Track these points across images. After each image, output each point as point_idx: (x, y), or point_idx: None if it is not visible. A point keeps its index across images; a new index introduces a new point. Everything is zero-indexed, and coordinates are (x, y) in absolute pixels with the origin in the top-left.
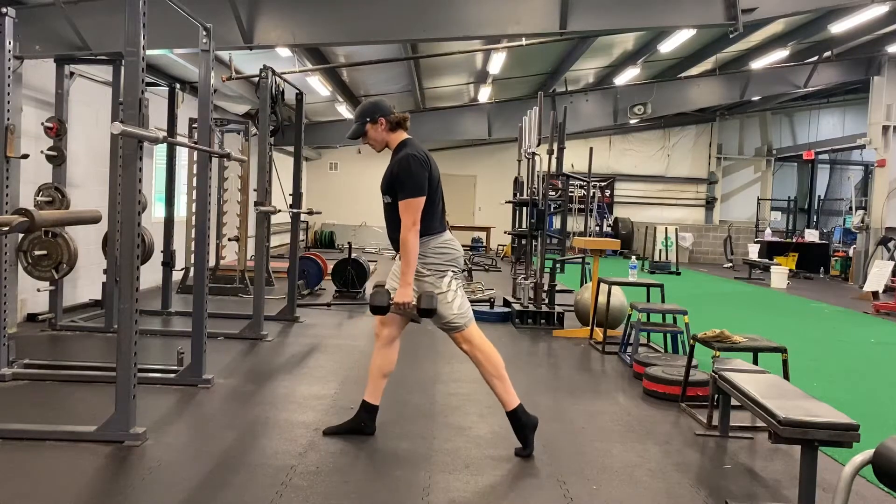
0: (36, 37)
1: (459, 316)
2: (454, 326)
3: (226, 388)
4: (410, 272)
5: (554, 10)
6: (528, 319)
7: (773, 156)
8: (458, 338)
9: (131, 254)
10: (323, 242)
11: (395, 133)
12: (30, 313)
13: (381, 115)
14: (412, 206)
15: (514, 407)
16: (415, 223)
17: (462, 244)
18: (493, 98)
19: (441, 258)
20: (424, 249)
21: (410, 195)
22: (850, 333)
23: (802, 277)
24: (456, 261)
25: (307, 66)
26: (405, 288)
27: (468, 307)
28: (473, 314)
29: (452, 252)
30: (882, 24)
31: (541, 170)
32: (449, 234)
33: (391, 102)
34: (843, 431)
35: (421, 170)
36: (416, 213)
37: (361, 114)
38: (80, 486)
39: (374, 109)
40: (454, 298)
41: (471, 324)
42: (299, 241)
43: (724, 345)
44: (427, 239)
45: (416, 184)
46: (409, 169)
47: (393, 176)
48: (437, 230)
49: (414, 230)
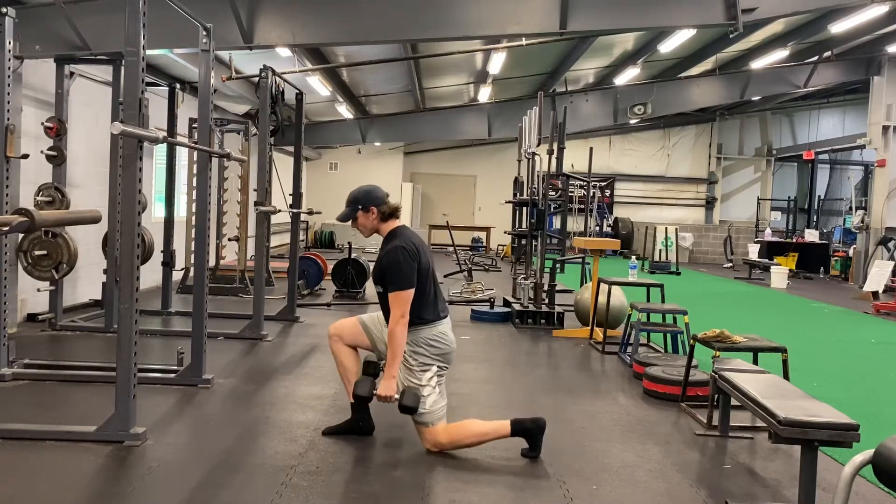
0: (36, 37)
1: (429, 413)
2: (421, 422)
3: (226, 388)
4: (395, 365)
5: (554, 10)
6: (528, 319)
7: (773, 156)
8: (422, 433)
9: (131, 254)
10: (323, 242)
11: (385, 223)
12: (30, 313)
13: (372, 205)
14: (400, 299)
15: (511, 427)
16: (403, 315)
17: (462, 244)
18: (493, 98)
19: (430, 350)
20: (415, 338)
21: (398, 288)
22: (850, 333)
23: (802, 277)
24: (445, 356)
25: (307, 66)
26: (389, 381)
27: (442, 405)
28: (473, 315)
29: (443, 347)
30: (882, 24)
31: (541, 170)
32: (445, 324)
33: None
34: (843, 431)
35: (410, 262)
36: (405, 306)
37: (354, 200)
38: (80, 486)
39: (366, 199)
40: (430, 394)
41: (439, 423)
42: (299, 241)
43: (724, 345)
44: (419, 328)
45: (404, 277)
46: (396, 262)
47: (382, 267)
48: (430, 320)
49: (402, 322)
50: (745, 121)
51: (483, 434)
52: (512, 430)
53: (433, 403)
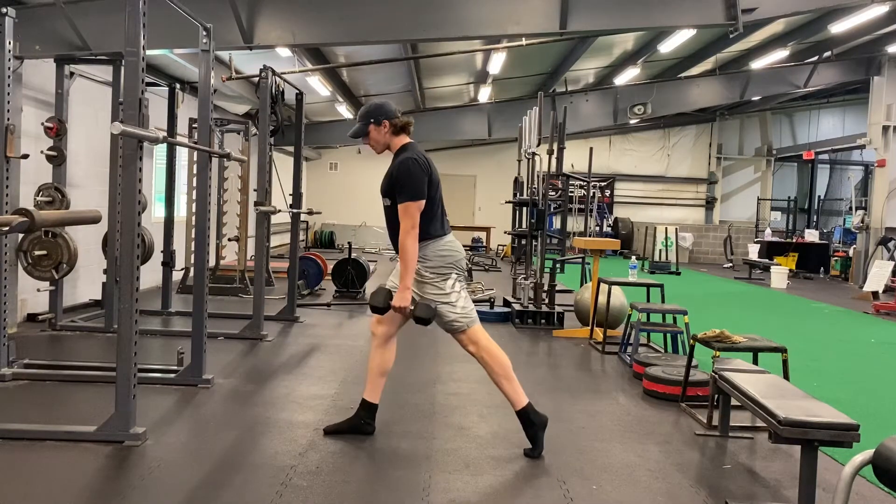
0: (36, 37)
1: (463, 316)
2: (457, 327)
3: (226, 388)
4: (409, 276)
5: (554, 10)
6: (528, 319)
7: (773, 156)
8: (462, 339)
9: (131, 254)
10: (323, 242)
11: (397, 137)
12: (30, 313)
13: (385, 118)
14: (411, 210)
15: (524, 406)
16: (413, 226)
17: (462, 244)
18: (493, 98)
19: (442, 261)
20: (425, 252)
21: (409, 198)
22: (850, 333)
23: (802, 277)
24: (458, 263)
25: (307, 66)
26: (403, 292)
27: (472, 308)
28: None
29: (454, 254)
30: (882, 24)
31: (541, 170)
32: (450, 236)
33: (396, 106)
34: (843, 431)
35: (421, 174)
36: (415, 217)
37: (366, 114)
38: (80, 486)
39: (378, 111)
40: (458, 299)
41: (474, 325)
42: (299, 241)
43: (724, 345)
44: (428, 242)
45: (416, 187)
46: (408, 172)
47: (392, 179)
48: (438, 233)
49: (412, 234)
50: (745, 121)
51: (509, 378)
52: (523, 409)
53: (464, 307)
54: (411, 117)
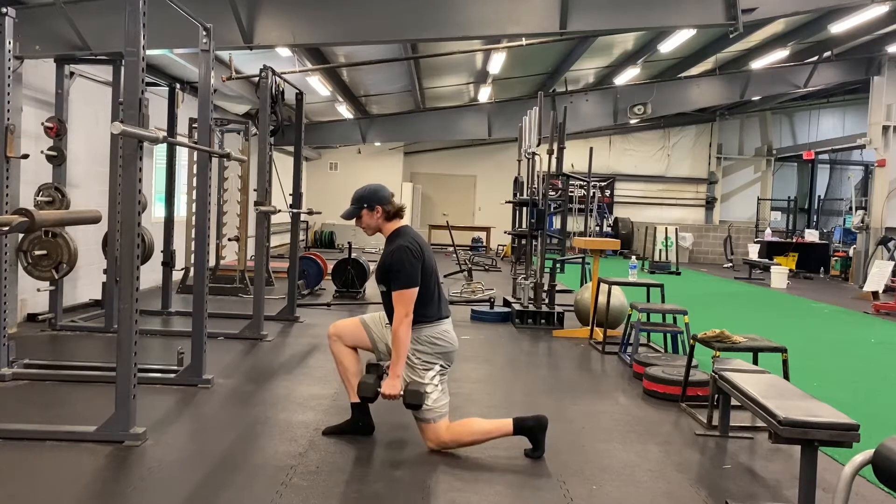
0: (36, 37)
1: (431, 410)
2: (422, 418)
3: (226, 388)
4: (400, 365)
5: (554, 10)
6: (528, 319)
7: (773, 156)
8: (424, 430)
9: (131, 254)
10: (323, 242)
11: (389, 222)
12: (30, 313)
13: (377, 204)
14: (404, 298)
15: (513, 425)
16: (407, 314)
17: (462, 244)
18: (493, 98)
19: (432, 349)
20: (418, 335)
21: (403, 286)
22: (850, 333)
23: (802, 277)
24: (447, 355)
25: (307, 66)
26: (394, 380)
27: (445, 403)
28: (473, 315)
29: (446, 346)
30: (882, 24)
31: (541, 170)
32: (447, 323)
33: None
34: (843, 431)
35: (413, 261)
36: (409, 305)
37: (360, 199)
38: (80, 486)
39: (371, 197)
40: (433, 391)
41: (441, 420)
42: (299, 241)
43: (724, 345)
44: (422, 326)
45: (409, 275)
46: (401, 262)
47: (386, 266)
48: (434, 318)
49: (406, 322)
50: (745, 121)
51: (486, 432)
52: (514, 429)
53: (436, 401)
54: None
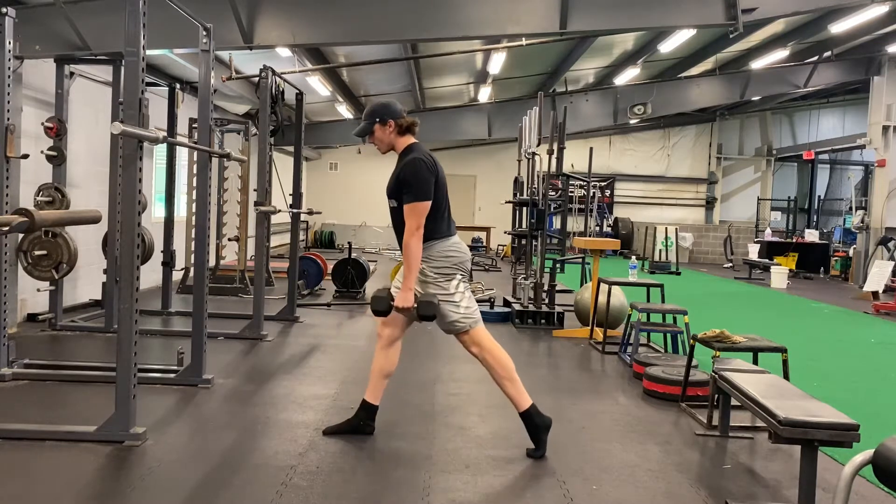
0: (36, 37)
1: (465, 317)
2: (460, 327)
3: (226, 388)
4: (412, 276)
5: (554, 10)
6: (528, 319)
7: (773, 156)
8: (465, 340)
9: (131, 254)
10: (323, 242)
11: (402, 137)
12: (30, 313)
13: (390, 118)
14: (417, 211)
15: (527, 408)
16: (418, 227)
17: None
18: (493, 98)
19: (447, 261)
20: (430, 252)
21: (415, 199)
22: (850, 333)
23: (802, 277)
24: (463, 264)
25: (307, 66)
26: (406, 292)
27: (475, 308)
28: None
29: (459, 255)
30: (882, 24)
31: (541, 170)
32: (456, 237)
33: (402, 106)
34: (843, 431)
35: (428, 174)
36: (421, 218)
37: (371, 113)
38: (80, 486)
39: (384, 111)
40: (461, 299)
41: (477, 325)
42: (299, 241)
43: (724, 345)
44: (433, 242)
45: (422, 188)
46: (415, 173)
47: (399, 180)
48: (444, 234)
49: (417, 234)
50: (745, 121)
51: (512, 379)
52: (527, 410)
53: (467, 307)
54: (417, 118)
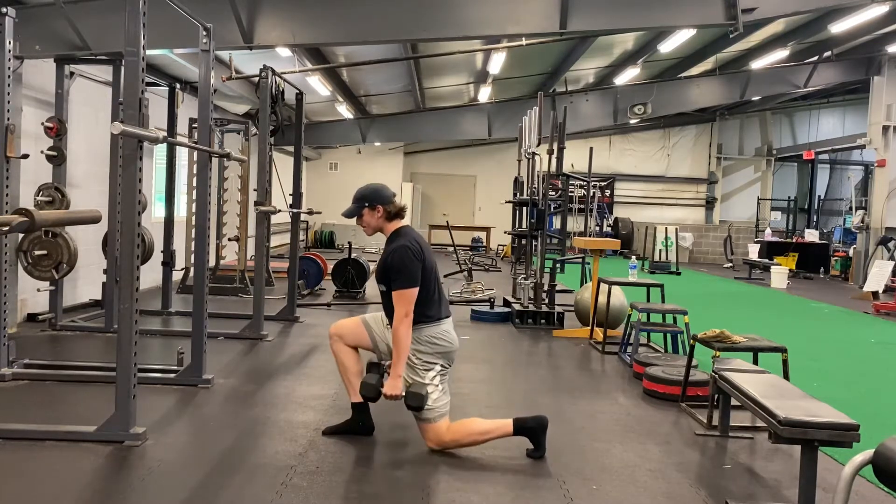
0: (36, 37)
1: (431, 410)
2: (423, 418)
3: (226, 388)
4: (400, 364)
5: (554, 10)
6: (528, 319)
7: (773, 156)
8: (425, 430)
9: (131, 254)
10: (323, 242)
11: (390, 223)
12: (30, 313)
13: (379, 203)
14: (405, 297)
15: (513, 427)
16: (407, 314)
17: (462, 244)
18: (493, 98)
19: (433, 349)
20: (418, 335)
21: (403, 286)
22: (850, 333)
23: (802, 277)
24: (448, 355)
25: (307, 66)
26: (395, 380)
27: (446, 403)
28: (473, 315)
29: (447, 346)
30: (882, 24)
31: (541, 170)
32: (447, 323)
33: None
34: (843, 431)
35: (414, 261)
36: (409, 305)
37: (361, 198)
38: (80, 486)
39: (374, 197)
40: (433, 392)
41: (441, 420)
42: (299, 241)
43: (724, 345)
44: (423, 326)
45: (409, 275)
46: (402, 260)
47: (386, 266)
48: (435, 317)
49: (406, 322)
50: (745, 121)
51: (486, 432)
52: (514, 429)
53: (436, 401)
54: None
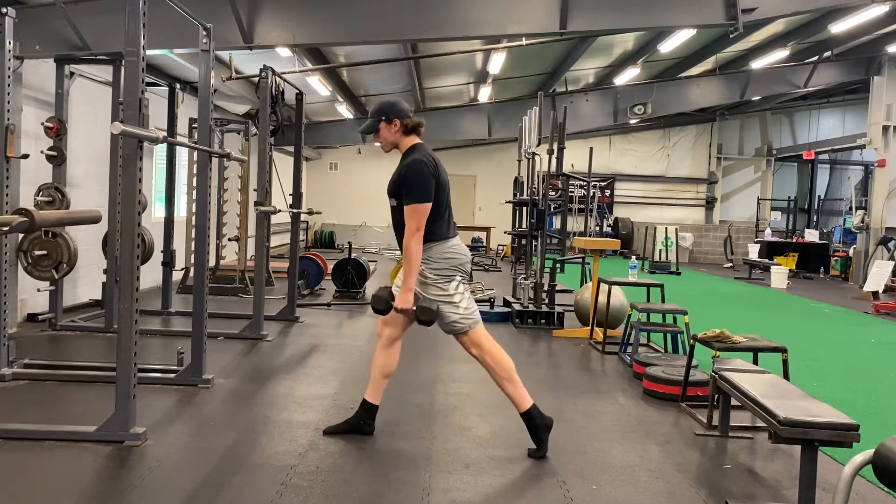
0: (36, 37)
1: (465, 318)
2: (459, 328)
3: (226, 388)
4: (411, 278)
5: (554, 10)
6: (528, 319)
7: (773, 156)
8: (464, 340)
9: (131, 254)
10: (323, 242)
11: (407, 137)
12: (30, 313)
13: (396, 117)
14: (417, 212)
15: (528, 408)
16: (419, 228)
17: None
18: (493, 98)
19: (447, 263)
20: (431, 254)
21: (416, 200)
22: (850, 333)
23: (802, 277)
24: (463, 266)
25: (307, 66)
26: (406, 293)
27: (475, 309)
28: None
29: (459, 257)
30: (882, 24)
31: (541, 170)
32: (457, 239)
33: (409, 106)
34: (843, 431)
35: (429, 176)
36: (421, 219)
37: (378, 111)
38: (80, 486)
39: (391, 109)
40: (461, 300)
41: (477, 326)
42: (299, 241)
43: (724, 345)
44: (433, 244)
45: (423, 189)
46: (417, 174)
47: (400, 179)
48: (445, 235)
49: (417, 236)
50: (745, 121)
51: (511, 379)
52: (528, 410)
53: (466, 308)
54: (423, 118)
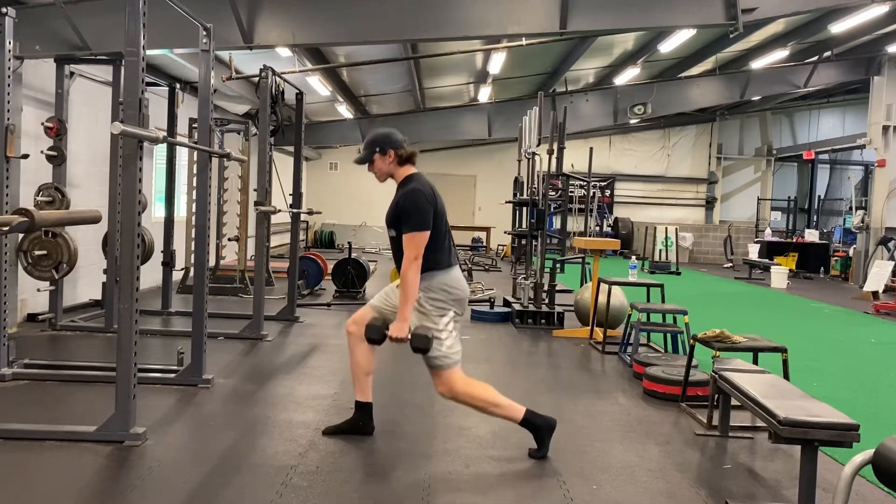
0: (36, 37)
1: (446, 356)
2: (437, 364)
3: (226, 388)
4: (408, 308)
5: (554, 10)
6: (528, 319)
7: (773, 156)
8: (438, 376)
9: (131, 254)
10: (323, 242)
11: (402, 167)
12: (30, 313)
13: (390, 148)
14: (415, 240)
15: (523, 416)
16: (416, 257)
17: (462, 244)
18: (493, 98)
19: (444, 295)
20: (430, 283)
21: (414, 228)
22: (850, 333)
23: (802, 277)
24: (459, 302)
25: (307, 66)
26: (401, 323)
27: (458, 350)
28: (473, 315)
29: (458, 292)
30: (882, 24)
31: (541, 170)
32: (457, 271)
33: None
34: (843, 431)
35: (426, 204)
36: (419, 248)
37: (372, 142)
38: (80, 486)
39: (385, 141)
40: (447, 338)
41: (455, 367)
42: (299, 241)
43: (724, 345)
44: (433, 273)
45: (421, 218)
46: (414, 202)
47: (398, 209)
48: (444, 265)
49: (415, 265)
50: (745, 121)
51: (497, 405)
52: (523, 419)
53: (450, 347)
54: (416, 148)
